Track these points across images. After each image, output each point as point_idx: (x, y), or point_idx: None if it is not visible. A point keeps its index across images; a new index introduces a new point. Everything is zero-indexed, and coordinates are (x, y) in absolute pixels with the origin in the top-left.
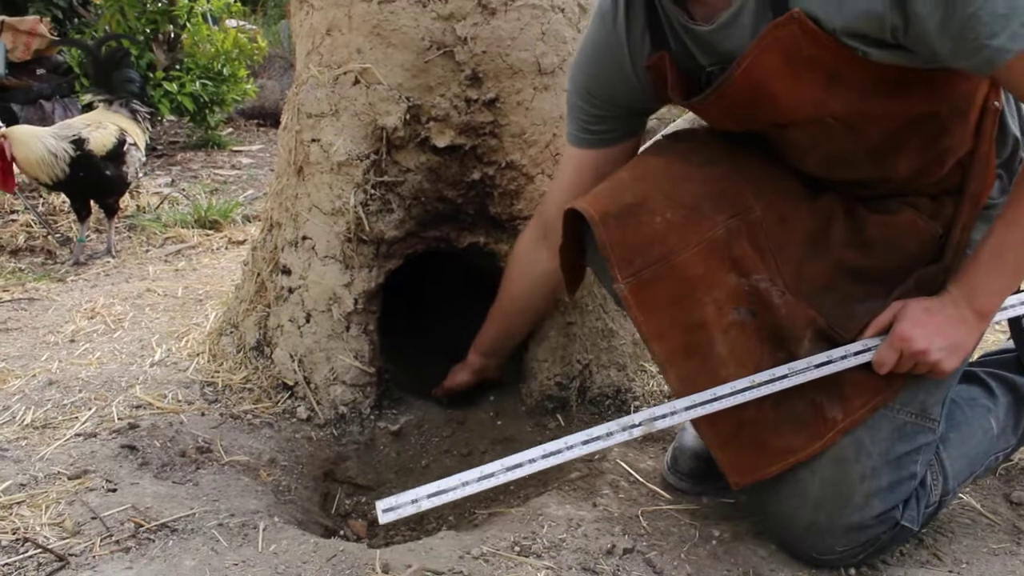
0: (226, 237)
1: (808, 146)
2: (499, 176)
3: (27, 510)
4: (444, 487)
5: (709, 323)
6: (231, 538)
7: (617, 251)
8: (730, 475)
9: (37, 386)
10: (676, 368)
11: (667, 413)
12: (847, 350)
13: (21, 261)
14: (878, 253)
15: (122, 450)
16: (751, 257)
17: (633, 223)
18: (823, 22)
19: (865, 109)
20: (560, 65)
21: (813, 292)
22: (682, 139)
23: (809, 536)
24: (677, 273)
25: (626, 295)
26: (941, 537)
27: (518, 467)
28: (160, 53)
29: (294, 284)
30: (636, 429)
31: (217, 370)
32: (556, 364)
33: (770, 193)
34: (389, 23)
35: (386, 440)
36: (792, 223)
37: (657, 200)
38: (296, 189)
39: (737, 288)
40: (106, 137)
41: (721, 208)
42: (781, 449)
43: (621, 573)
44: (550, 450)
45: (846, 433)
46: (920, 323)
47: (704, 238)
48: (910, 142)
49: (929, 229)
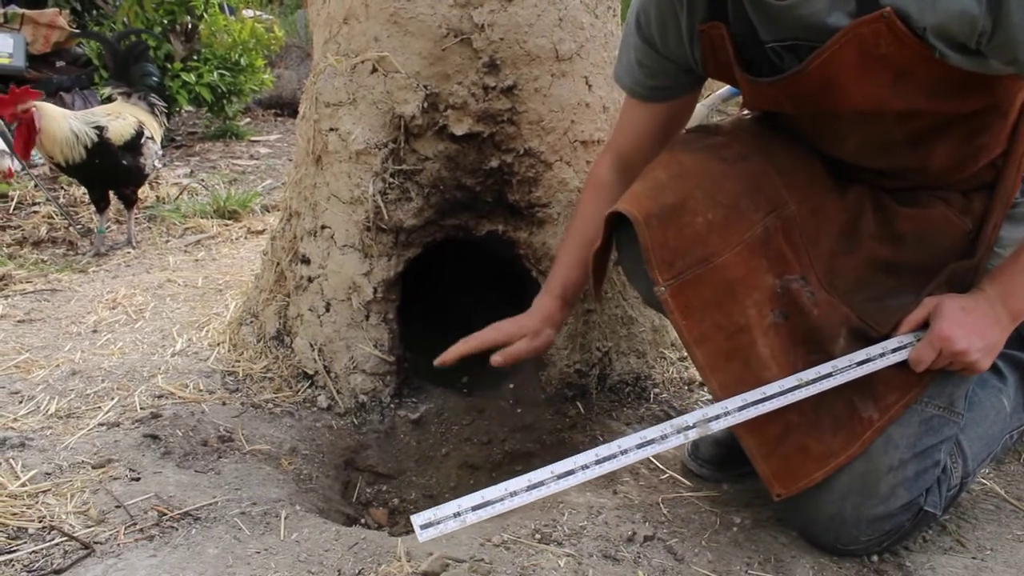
0: (245, 227)
1: (853, 132)
2: (517, 163)
3: (53, 498)
4: (489, 497)
5: (751, 325)
6: (253, 526)
7: (659, 253)
8: (773, 486)
9: (61, 376)
10: (718, 374)
11: (720, 414)
12: (884, 347)
13: (43, 252)
14: (910, 247)
15: (145, 439)
16: (786, 255)
17: (675, 224)
18: (913, 20)
19: (924, 106)
20: (577, 51)
21: (846, 287)
22: (711, 133)
23: (834, 527)
24: (718, 275)
25: (666, 298)
26: (965, 524)
27: (569, 474)
28: (178, 44)
29: (314, 273)
30: (691, 431)
31: (238, 359)
32: (576, 351)
33: (803, 186)
34: (406, 11)
35: (406, 428)
36: (824, 216)
37: (698, 200)
38: (315, 178)
39: (773, 290)
40: (125, 128)
41: (759, 205)
42: (822, 453)
43: (642, 560)
44: (603, 455)
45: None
46: (960, 323)
47: (744, 238)
48: (950, 136)
49: (961, 225)
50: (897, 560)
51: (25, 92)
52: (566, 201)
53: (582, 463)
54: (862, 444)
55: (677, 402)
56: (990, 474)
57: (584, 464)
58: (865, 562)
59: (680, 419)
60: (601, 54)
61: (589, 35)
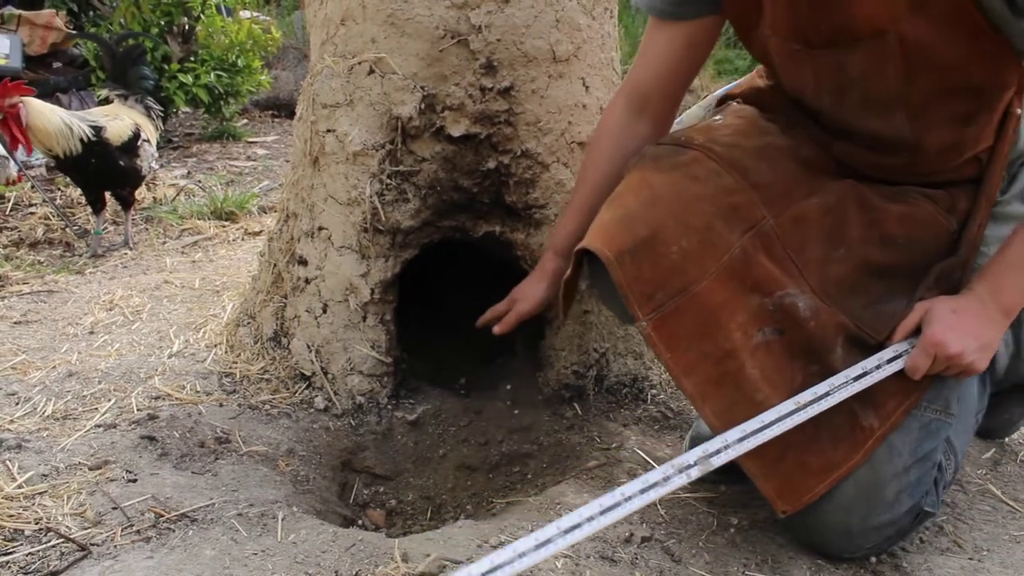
0: (242, 228)
1: (855, 77)
2: (514, 165)
3: (49, 500)
4: (498, 561)
5: (738, 349)
6: (250, 528)
7: (636, 288)
8: (777, 503)
9: (57, 377)
10: (710, 402)
11: (720, 448)
12: (880, 358)
13: (40, 254)
14: (900, 249)
15: (142, 441)
16: (772, 273)
17: (649, 257)
18: None
19: (931, 45)
20: (575, 53)
21: (839, 294)
22: (682, 147)
23: (841, 537)
24: (699, 303)
25: (649, 332)
26: (962, 524)
27: (576, 528)
28: (175, 45)
29: (311, 275)
30: (693, 470)
31: (235, 361)
32: (573, 353)
33: (781, 195)
34: (403, 12)
35: (403, 430)
36: (808, 223)
37: (669, 228)
38: (312, 179)
39: (760, 309)
40: (123, 129)
41: (734, 226)
42: (823, 466)
43: (639, 561)
44: (607, 504)
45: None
46: (951, 326)
47: (721, 262)
48: (945, 115)
49: (947, 224)
50: (894, 561)
51: (16, 87)
52: (563, 202)
53: (587, 515)
54: (865, 453)
55: (674, 403)
56: (987, 475)
57: (589, 516)
58: (862, 562)
59: (681, 459)
60: (598, 55)
61: (586, 36)
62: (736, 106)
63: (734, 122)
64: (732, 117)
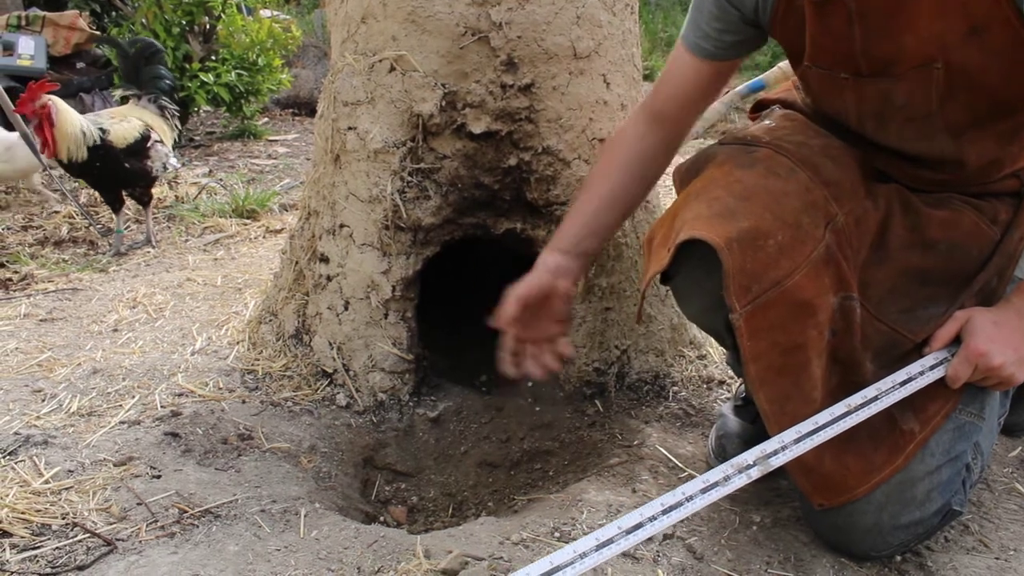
0: (264, 226)
1: (899, 105)
2: (535, 162)
3: (75, 496)
4: (557, 563)
5: (808, 345)
6: (273, 524)
7: (738, 279)
8: (815, 497)
9: (82, 374)
10: (767, 388)
11: (778, 448)
12: (923, 364)
13: (64, 252)
14: (941, 255)
15: (165, 437)
16: (845, 273)
17: (751, 249)
18: None
19: (978, 72)
20: (595, 49)
21: (877, 297)
22: (751, 144)
23: (870, 537)
24: (788, 297)
25: (740, 324)
26: (988, 524)
27: (638, 528)
28: (196, 44)
29: (332, 272)
30: (752, 470)
31: (257, 358)
32: (594, 350)
33: (847, 195)
34: (424, 10)
35: (425, 426)
36: (865, 224)
37: (768, 222)
38: (333, 177)
39: (834, 308)
40: (128, 131)
41: (817, 222)
42: (863, 469)
43: (661, 559)
44: (669, 504)
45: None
46: (993, 337)
47: (810, 257)
48: (986, 134)
49: (991, 233)
50: (919, 560)
51: (40, 85)
52: None
53: (649, 515)
54: (906, 458)
55: (696, 400)
56: (1013, 474)
57: (651, 516)
58: (887, 562)
59: (739, 458)
60: (619, 52)
61: (607, 33)
62: (782, 111)
63: (788, 124)
64: (783, 120)
